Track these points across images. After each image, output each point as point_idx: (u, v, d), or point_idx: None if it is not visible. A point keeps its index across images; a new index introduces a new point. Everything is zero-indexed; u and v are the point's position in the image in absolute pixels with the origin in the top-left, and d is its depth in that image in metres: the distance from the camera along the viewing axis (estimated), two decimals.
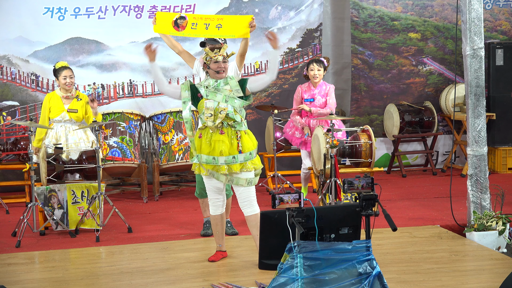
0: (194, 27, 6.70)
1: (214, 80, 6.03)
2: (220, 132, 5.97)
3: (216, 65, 5.99)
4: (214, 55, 6.00)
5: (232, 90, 5.99)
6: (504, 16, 10.92)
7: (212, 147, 5.95)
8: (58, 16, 9.65)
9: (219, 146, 5.94)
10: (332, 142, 7.42)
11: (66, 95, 7.99)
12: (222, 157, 5.94)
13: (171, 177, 9.41)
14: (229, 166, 5.96)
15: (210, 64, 6.02)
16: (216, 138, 5.96)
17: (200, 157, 6.00)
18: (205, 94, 5.99)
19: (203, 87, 6.03)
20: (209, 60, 6.02)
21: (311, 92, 8.31)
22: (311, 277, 4.52)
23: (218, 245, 6.32)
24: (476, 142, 6.95)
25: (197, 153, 6.02)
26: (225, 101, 5.95)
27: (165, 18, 6.82)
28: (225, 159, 5.94)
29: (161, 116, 9.13)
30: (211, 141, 5.96)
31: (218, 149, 5.94)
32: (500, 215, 6.82)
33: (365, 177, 4.93)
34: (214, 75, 6.03)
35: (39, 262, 6.52)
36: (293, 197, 4.73)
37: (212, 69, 6.02)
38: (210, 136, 5.97)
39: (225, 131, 5.97)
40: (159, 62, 9.88)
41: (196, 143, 6.04)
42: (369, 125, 9.38)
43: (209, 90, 5.98)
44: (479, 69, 6.88)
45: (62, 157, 7.78)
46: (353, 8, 10.51)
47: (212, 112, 5.93)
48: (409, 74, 10.77)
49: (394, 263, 6.10)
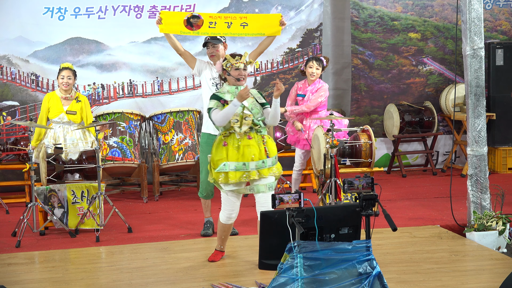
0: (213, 25, 6.61)
1: (235, 87, 5.97)
2: (247, 137, 5.89)
3: (237, 72, 5.94)
4: (235, 62, 5.94)
5: (254, 97, 5.96)
6: (504, 16, 10.91)
7: (241, 153, 5.85)
8: (58, 16, 9.65)
9: (250, 151, 5.86)
10: (332, 142, 7.42)
11: (66, 96, 7.99)
12: (253, 162, 5.86)
13: (171, 177, 9.41)
14: (259, 171, 5.90)
15: (231, 71, 5.95)
16: (245, 143, 5.87)
17: (227, 165, 5.86)
18: (231, 99, 5.90)
19: (227, 94, 5.95)
20: (229, 67, 5.95)
21: (305, 88, 8.29)
22: (311, 277, 4.52)
23: (220, 247, 6.32)
24: (476, 142, 6.95)
25: (223, 162, 5.86)
26: (251, 108, 5.89)
27: (172, 17, 6.72)
28: (256, 164, 5.87)
29: (161, 116, 9.13)
30: (240, 146, 5.86)
31: (249, 154, 5.85)
32: (500, 215, 6.82)
33: (365, 177, 4.93)
34: (234, 82, 5.97)
35: (39, 262, 6.52)
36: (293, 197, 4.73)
37: (232, 76, 5.96)
38: (237, 141, 5.88)
39: (252, 136, 5.91)
40: (158, 62, 10.04)
41: (221, 152, 5.89)
42: (369, 125, 9.38)
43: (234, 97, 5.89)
44: (479, 69, 6.88)
45: (62, 157, 7.78)
46: (353, 8, 10.51)
47: (238, 118, 5.86)
48: (409, 74, 10.77)
49: (394, 263, 6.10)
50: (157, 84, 9.99)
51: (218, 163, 5.87)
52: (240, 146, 5.86)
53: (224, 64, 5.99)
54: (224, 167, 5.85)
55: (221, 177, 5.87)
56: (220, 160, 5.87)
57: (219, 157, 5.88)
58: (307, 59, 8.44)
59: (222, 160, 5.86)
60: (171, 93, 10.01)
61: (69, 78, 7.95)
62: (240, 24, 6.60)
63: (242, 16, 6.64)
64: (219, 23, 6.60)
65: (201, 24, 6.61)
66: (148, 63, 9.99)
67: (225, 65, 5.97)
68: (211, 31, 6.67)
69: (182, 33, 6.71)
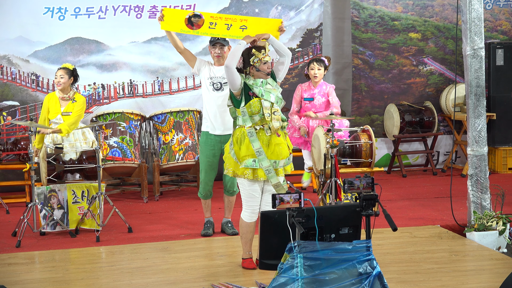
0: (213, 26, 6.58)
1: (261, 80, 5.82)
2: (277, 134, 5.80)
3: (266, 66, 5.82)
4: (263, 56, 5.81)
5: (275, 88, 5.87)
6: (505, 16, 10.91)
7: (272, 150, 5.75)
8: (59, 16, 9.65)
9: (280, 149, 5.77)
10: (332, 142, 7.42)
11: (63, 97, 7.99)
12: (282, 160, 5.79)
13: (171, 177, 9.41)
14: (285, 169, 5.85)
15: (260, 66, 5.81)
16: (276, 141, 5.77)
17: (257, 162, 5.71)
18: (260, 93, 5.77)
19: (256, 86, 5.78)
20: (258, 62, 5.80)
21: (311, 91, 8.30)
22: (311, 277, 4.52)
23: (248, 253, 6.05)
24: (477, 142, 6.95)
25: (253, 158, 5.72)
26: (276, 101, 5.81)
27: (174, 15, 6.68)
28: (284, 162, 5.82)
29: (161, 116, 9.13)
30: (270, 144, 5.76)
31: (279, 152, 5.76)
32: (500, 215, 6.82)
33: (366, 177, 4.93)
34: (264, 76, 5.83)
35: (39, 262, 6.52)
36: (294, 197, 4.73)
37: (261, 70, 5.81)
38: (267, 139, 5.77)
39: (280, 133, 5.82)
40: (159, 62, 10.04)
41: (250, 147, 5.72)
42: (369, 125, 9.38)
43: (264, 90, 5.78)
44: (479, 69, 6.88)
45: (62, 157, 7.78)
46: (353, 8, 10.51)
47: (269, 112, 5.75)
48: (409, 74, 10.76)
49: (394, 263, 6.10)
50: (158, 84, 9.99)
51: (246, 158, 5.73)
52: (270, 144, 5.76)
53: (251, 60, 5.82)
54: (255, 164, 5.71)
55: (248, 173, 5.75)
56: (248, 156, 5.73)
57: (247, 153, 5.73)
58: (308, 61, 8.45)
59: (251, 156, 5.72)
60: (171, 93, 10.01)
61: (62, 77, 7.92)
62: (239, 27, 6.57)
63: (243, 19, 6.60)
64: (219, 24, 6.58)
65: (201, 23, 6.58)
66: (149, 63, 9.99)
67: (253, 60, 5.81)
68: (210, 32, 6.64)
69: (182, 31, 6.68)
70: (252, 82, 5.82)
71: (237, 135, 5.82)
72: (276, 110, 5.78)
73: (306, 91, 8.32)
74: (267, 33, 6.01)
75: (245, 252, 6.04)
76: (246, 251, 6.04)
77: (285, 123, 5.87)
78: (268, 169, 5.71)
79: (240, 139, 5.79)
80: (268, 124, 5.76)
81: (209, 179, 7.02)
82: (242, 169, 5.76)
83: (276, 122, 5.76)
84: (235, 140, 5.82)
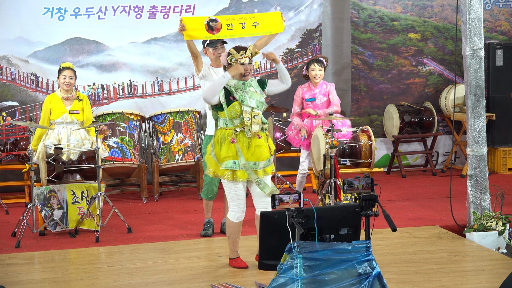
0: (230, 28, 6.59)
1: (242, 82, 5.83)
2: (257, 136, 5.83)
3: (243, 67, 5.80)
4: (240, 57, 5.80)
5: (258, 92, 5.88)
6: (504, 17, 10.92)
7: (252, 152, 5.79)
8: (58, 16, 9.65)
9: (260, 151, 5.81)
10: (332, 142, 7.42)
11: (67, 96, 7.96)
12: (262, 162, 5.82)
13: (170, 177, 9.41)
14: (265, 170, 5.88)
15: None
16: (256, 143, 5.80)
17: (237, 164, 5.77)
18: (240, 98, 5.78)
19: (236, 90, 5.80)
20: (234, 62, 5.82)
21: (311, 92, 8.29)
22: (310, 278, 4.52)
23: (236, 252, 6.11)
24: (476, 143, 6.95)
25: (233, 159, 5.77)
26: (257, 106, 5.82)
27: (195, 23, 6.64)
28: (264, 163, 5.85)
29: (161, 117, 9.13)
30: (251, 146, 5.80)
31: (259, 154, 5.80)
32: (500, 216, 6.82)
33: (365, 177, 4.93)
34: (240, 77, 5.83)
35: (38, 262, 6.52)
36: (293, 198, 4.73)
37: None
38: (247, 141, 5.80)
39: (261, 135, 5.86)
40: (158, 63, 10.04)
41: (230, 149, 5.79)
42: (369, 125, 9.38)
43: (244, 95, 5.79)
44: (479, 70, 6.88)
45: (62, 158, 7.77)
46: (353, 9, 10.51)
47: (249, 116, 5.77)
48: (409, 75, 10.77)
49: (394, 264, 6.10)
50: (157, 85, 10.00)
51: (225, 160, 5.78)
52: (250, 146, 5.80)
53: (229, 59, 5.85)
54: (235, 165, 5.77)
55: (228, 174, 5.80)
56: (229, 158, 5.78)
57: (227, 154, 5.77)
58: (306, 63, 8.44)
59: (232, 157, 5.78)
60: (171, 94, 10.01)
61: (71, 78, 7.90)
62: (252, 24, 6.61)
63: (251, 16, 6.66)
64: (235, 25, 6.60)
65: (220, 27, 6.59)
66: (148, 63, 9.99)
67: (230, 60, 5.84)
68: (229, 33, 6.65)
69: (205, 37, 6.67)
70: (234, 84, 5.83)
71: (218, 136, 5.88)
72: (256, 113, 5.81)
73: (307, 92, 8.30)
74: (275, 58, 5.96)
75: (233, 252, 6.10)
76: (233, 251, 6.10)
77: (265, 125, 5.91)
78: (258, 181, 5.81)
79: (220, 141, 5.84)
80: (248, 127, 5.80)
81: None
82: (223, 170, 5.81)
83: (256, 126, 5.79)
84: (215, 141, 5.88)
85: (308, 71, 8.27)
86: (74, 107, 7.95)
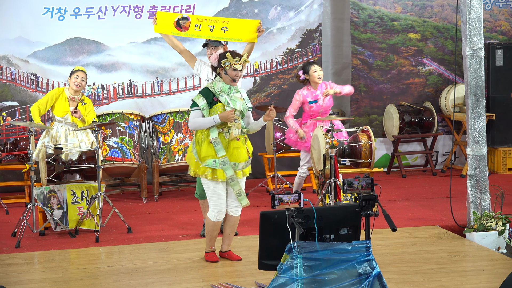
0: (198, 28, 6.79)
1: (228, 86, 6.02)
2: (236, 138, 6.00)
3: (235, 73, 5.98)
4: (235, 62, 5.97)
5: (244, 100, 6.06)
6: (504, 17, 10.92)
7: (231, 153, 5.98)
8: (58, 17, 9.65)
9: (239, 153, 5.99)
10: (332, 142, 7.42)
11: (73, 97, 8.00)
12: (241, 163, 6.01)
13: (170, 177, 9.41)
14: (243, 171, 6.07)
15: (228, 70, 5.98)
16: (235, 144, 5.98)
17: (218, 162, 5.95)
18: (225, 101, 5.96)
19: (222, 93, 5.98)
20: (228, 66, 5.97)
21: (313, 94, 8.24)
22: (310, 278, 4.52)
23: (212, 247, 6.33)
24: (476, 143, 6.95)
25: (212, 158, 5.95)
26: (241, 110, 5.99)
27: (166, 18, 6.91)
28: (243, 164, 6.04)
29: (161, 117, 9.13)
30: (229, 147, 5.98)
31: (238, 155, 5.98)
32: (500, 216, 6.82)
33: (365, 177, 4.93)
34: (229, 81, 6.01)
35: (38, 262, 6.52)
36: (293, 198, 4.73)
37: (229, 75, 5.99)
38: (226, 142, 5.98)
39: (240, 137, 6.02)
40: (158, 63, 10.04)
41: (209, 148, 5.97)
42: (368, 125, 9.37)
43: (230, 98, 5.98)
44: (478, 70, 6.88)
45: (62, 158, 7.78)
46: (352, 9, 10.51)
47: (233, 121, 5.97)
48: (408, 75, 10.77)
49: (394, 264, 6.10)
50: (157, 85, 10.00)
51: (206, 159, 5.96)
52: (229, 147, 5.98)
53: (223, 62, 6.00)
54: (215, 164, 5.95)
55: (208, 172, 5.98)
56: (208, 157, 5.96)
57: (207, 153, 5.96)
58: (302, 67, 8.40)
59: (211, 157, 5.96)
60: (171, 94, 10.02)
61: (83, 79, 7.99)
62: (221, 28, 6.81)
63: (224, 21, 6.85)
64: (203, 26, 6.82)
65: (188, 26, 6.80)
66: (148, 63, 9.99)
67: (224, 63, 5.99)
68: (196, 33, 6.90)
69: (173, 33, 6.91)
70: (220, 87, 6.00)
71: (199, 135, 6.06)
72: (237, 117, 5.97)
73: (308, 95, 8.24)
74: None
75: (209, 247, 6.33)
76: (210, 246, 6.33)
77: (245, 129, 6.06)
78: (231, 177, 5.99)
79: (201, 140, 6.02)
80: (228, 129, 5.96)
81: None
82: (203, 169, 5.99)
83: (236, 130, 5.95)
84: (196, 141, 6.06)
85: (308, 74, 8.20)
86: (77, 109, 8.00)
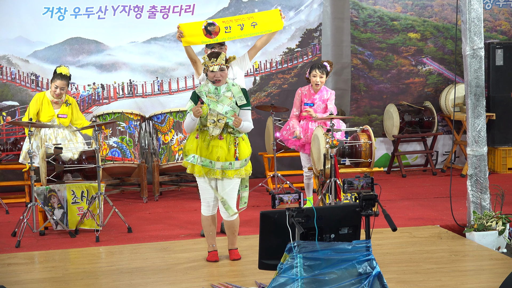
0: (229, 30, 6.61)
1: (214, 87, 6.05)
2: (219, 137, 6.01)
3: (212, 75, 6.00)
4: (210, 64, 5.98)
5: (233, 98, 6.02)
6: (504, 16, 10.92)
7: (210, 151, 6.01)
8: (58, 16, 9.65)
9: (217, 151, 5.99)
10: (332, 142, 7.42)
11: (56, 100, 8.03)
12: (219, 163, 6.01)
13: (171, 177, 9.41)
14: (224, 172, 6.04)
15: (208, 73, 6.03)
16: (215, 143, 6.00)
17: (196, 158, 6.04)
18: (206, 103, 5.99)
19: (204, 95, 6.02)
20: (206, 68, 6.02)
21: (311, 97, 8.21)
22: (311, 277, 4.52)
23: (212, 245, 6.32)
24: (476, 142, 6.95)
25: (193, 153, 6.05)
26: (225, 112, 5.96)
27: (192, 28, 6.61)
28: (222, 164, 6.02)
29: (161, 116, 9.13)
30: (209, 145, 6.01)
31: (216, 154, 5.99)
32: (500, 215, 6.82)
33: (365, 177, 4.93)
34: (212, 83, 6.06)
35: (39, 262, 6.52)
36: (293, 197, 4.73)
37: (208, 77, 6.05)
38: (208, 139, 6.02)
39: (224, 136, 6.02)
40: (158, 62, 10.04)
41: (193, 143, 6.07)
42: (368, 125, 9.38)
43: (210, 100, 5.99)
44: (479, 69, 6.89)
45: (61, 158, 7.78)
46: (352, 8, 10.51)
47: (214, 119, 5.96)
48: (408, 74, 10.77)
49: (394, 263, 6.10)
50: (157, 84, 10.00)
51: (188, 153, 6.08)
52: (209, 145, 6.01)
53: (203, 64, 6.06)
54: (193, 159, 6.05)
55: (188, 166, 6.11)
56: (190, 151, 6.07)
57: (190, 147, 6.08)
58: (311, 66, 8.34)
59: (192, 151, 6.05)
60: (171, 93, 10.02)
61: (62, 89, 8.00)
62: (250, 24, 6.64)
63: (250, 16, 6.69)
64: (233, 27, 6.62)
65: (218, 30, 6.60)
66: (148, 63, 9.99)
67: (204, 64, 6.05)
68: (228, 36, 6.67)
69: (203, 43, 6.70)
70: (208, 89, 6.05)
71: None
72: (221, 117, 5.96)
73: (307, 96, 8.22)
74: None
75: (209, 245, 6.32)
76: (210, 244, 6.31)
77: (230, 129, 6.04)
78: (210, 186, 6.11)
79: (189, 135, 6.16)
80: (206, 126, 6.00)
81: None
82: (185, 163, 6.16)
83: (217, 130, 5.97)
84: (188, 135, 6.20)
85: (309, 76, 8.17)
86: (62, 111, 8.05)
